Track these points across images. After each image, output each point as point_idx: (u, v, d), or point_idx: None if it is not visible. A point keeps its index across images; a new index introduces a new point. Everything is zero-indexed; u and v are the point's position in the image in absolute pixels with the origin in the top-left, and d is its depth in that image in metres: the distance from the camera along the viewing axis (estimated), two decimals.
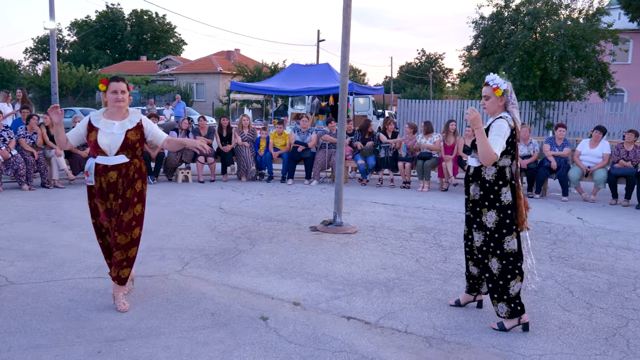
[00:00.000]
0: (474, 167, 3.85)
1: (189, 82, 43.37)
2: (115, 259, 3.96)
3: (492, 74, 3.87)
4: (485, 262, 3.82)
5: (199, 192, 9.24)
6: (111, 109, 3.94)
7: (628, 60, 32.41)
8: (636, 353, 3.47)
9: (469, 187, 3.90)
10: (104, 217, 3.95)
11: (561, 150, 9.51)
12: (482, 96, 3.88)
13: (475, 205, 3.83)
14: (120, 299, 4.00)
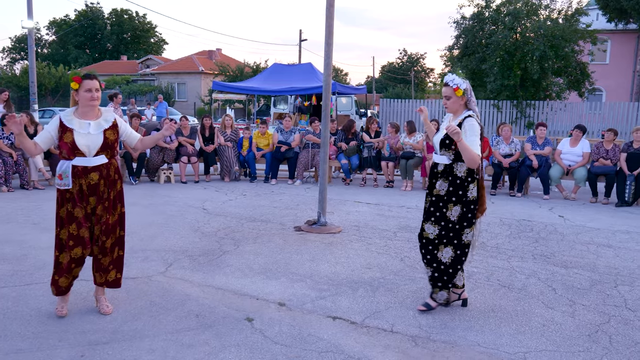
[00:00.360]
0: (444, 164, 3.93)
1: (170, 81, 43.06)
2: (103, 265, 3.88)
3: (451, 74, 3.97)
4: (435, 253, 3.96)
5: (181, 192, 9.16)
6: (84, 108, 3.75)
7: (606, 60, 32.89)
8: (618, 349, 3.52)
9: (434, 183, 4.00)
10: (84, 223, 3.72)
11: (542, 149, 9.62)
12: (443, 96, 3.98)
13: (439, 201, 3.94)
14: (103, 302, 3.95)
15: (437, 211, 3.94)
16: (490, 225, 7.02)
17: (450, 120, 4.02)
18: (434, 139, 4.04)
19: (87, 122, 3.74)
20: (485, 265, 5.28)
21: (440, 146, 3.94)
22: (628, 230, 6.94)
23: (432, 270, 4.01)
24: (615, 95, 31.57)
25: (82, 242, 3.73)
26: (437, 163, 3.99)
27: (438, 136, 3.98)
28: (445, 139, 3.89)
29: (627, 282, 4.86)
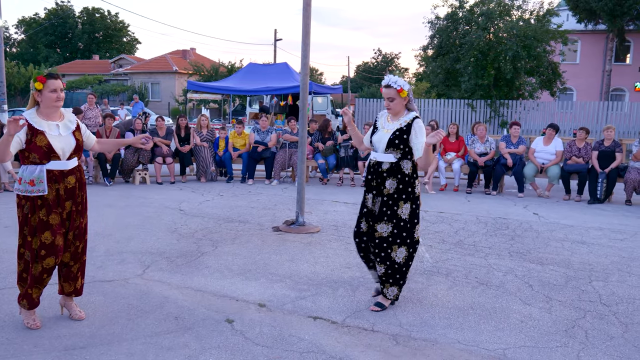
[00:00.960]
0: (390, 162, 3.97)
1: (143, 81, 42.54)
2: (72, 273, 3.75)
3: (391, 75, 4.03)
4: (389, 252, 3.98)
5: (157, 193, 9.06)
6: (48, 110, 3.54)
7: (576, 60, 33.51)
8: (594, 344, 3.58)
9: (382, 183, 4.00)
10: (58, 230, 3.55)
11: (516, 147, 9.75)
12: (386, 98, 3.99)
13: (390, 199, 3.97)
14: (75, 308, 3.84)
15: (388, 210, 3.97)
16: (467, 224, 7.09)
17: (387, 119, 4.07)
18: (376, 139, 4.03)
19: (54, 123, 3.55)
20: (463, 263, 5.32)
21: (388, 145, 3.96)
22: (601, 227, 7.08)
23: (385, 268, 4.01)
24: (586, 95, 32.20)
25: (55, 251, 3.54)
26: (380, 162, 4.00)
27: (381, 135, 4.01)
28: (394, 138, 3.94)
29: (601, 278, 4.95)
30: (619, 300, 4.38)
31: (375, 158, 4.04)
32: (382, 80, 4.08)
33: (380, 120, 4.12)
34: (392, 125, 4.01)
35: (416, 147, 3.94)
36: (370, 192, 4.07)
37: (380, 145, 4.00)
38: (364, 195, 4.15)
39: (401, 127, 3.97)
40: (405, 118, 4.00)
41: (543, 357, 3.38)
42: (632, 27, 29.61)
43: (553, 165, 9.41)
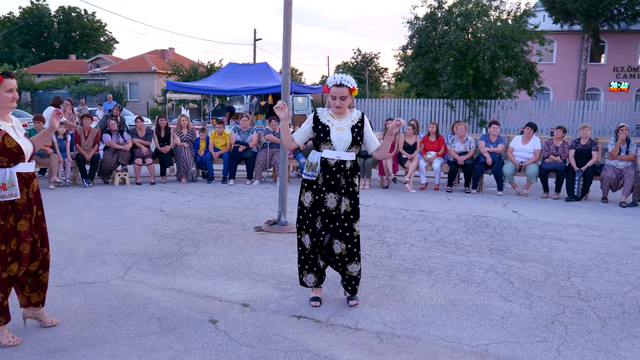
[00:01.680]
0: (352, 160, 4.01)
1: (121, 81, 42.10)
2: (41, 282, 3.60)
3: (341, 74, 3.99)
4: (358, 244, 4.09)
5: (137, 194, 8.98)
6: (2, 110, 3.35)
7: (553, 60, 34.02)
8: (574, 338, 3.65)
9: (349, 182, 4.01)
10: (26, 237, 3.38)
11: (495, 146, 9.86)
12: (338, 97, 3.94)
13: (358, 195, 4.06)
14: (46, 316, 3.70)
15: (358, 205, 4.06)
16: (448, 222, 7.16)
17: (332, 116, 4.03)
18: (335, 137, 3.94)
19: (9, 124, 3.37)
20: (445, 260, 5.38)
21: (352, 143, 3.97)
22: (578, 224, 7.20)
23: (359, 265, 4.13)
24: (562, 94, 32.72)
25: (19, 258, 3.37)
26: (344, 160, 3.97)
27: (341, 134, 3.95)
28: (356, 136, 3.97)
29: (579, 274, 5.04)
30: (597, 296, 4.47)
31: (339, 157, 3.95)
32: (329, 79, 4.01)
33: (325, 118, 4.03)
34: (342, 123, 4.00)
35: (373, 141, 4.11)
36: (332, 191, 3.98)
37: (341, 143, 3.95)
38: (318, 195, 3.99)
39: (355, 123, 4.01)
40: (353, 115, 4.06)
41: (524, 352, 3.43)
42: (607, 27, 30.18)
43: (531, 163, 9.54)
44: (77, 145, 9.83)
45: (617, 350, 3.48)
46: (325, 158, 3.96)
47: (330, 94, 3.98)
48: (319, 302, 4.15)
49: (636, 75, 33.05)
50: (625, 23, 30.04)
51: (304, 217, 4.04)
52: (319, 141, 3.99)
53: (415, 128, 10.35)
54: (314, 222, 4.03)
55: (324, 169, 3.98)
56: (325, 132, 3.97)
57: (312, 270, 4.12)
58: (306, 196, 4.05)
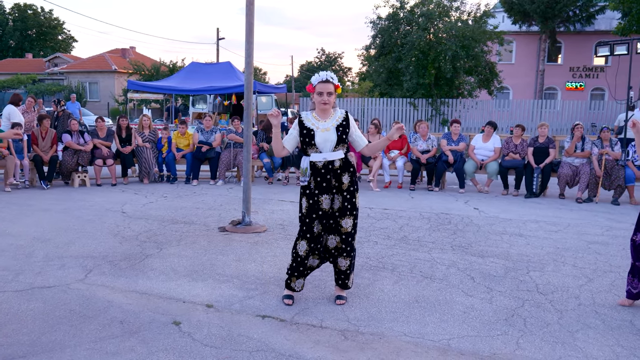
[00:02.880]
0: (340, 159, 4.02)
1: (81, 81, 41.16)
2: None
3: (327, 72, 4.06)
4: (352, 243, 4.13)
5: (98, 196, 8.80)
6: None
7: (512, 60, 34.76)
8: (532, 331, 3.75)
9: (339, 180, 4.03)
10: None
11: (457, 144, 10.03)
12: (325, 93, 4.00)
13: (348, 193, 4.05)
14: None
15: (349, 204, 4.06)
16: (411, 220, 7.25)
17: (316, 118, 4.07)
18: (320, 140, 3.98)
19: None
20: (408, 258, 5.45)
21: (338, 142, 4.01)
22: (537, 220, 7.39)
23: (350, 260, 4.14)
24: (521, 93, 33.48)
25: None
26: (332, 160, 4.00)
27: (326, 135, 3.99)
28: (342, 134, 4.01)
29: (537, 268, 5.17)
30: (554, 289, 4.60)
31: (325, 158, 4.00)
32: (314, 77, 4.06)
33: (310, 122, 4.07)
34: (328, 124, 4.04)
35: (361, 138, 4.13)
36: (325, 193, 4.03)
37: (327, 144, 4.00)
38: (312, 199, 4.04)
39: (340, 122, 4.06)
40: (337, 114, 4.10)
41: (485, 346, 3.51)
42: (563, 28, 31.06)
43: (492, 161, 9.74)
44: (35, 146, 9.58)
45: (573, 342, 3.58)
46: (313, 162, 4.02)
47: (316, 91, 4.03)
48: (291, 301, 4.16)
49: (591, 75, 34.07)
50: (580, 25, 30.96)
51: (302, 223, 4.09)
52: (306, 146, 4.05)
53: (378, 127, 10.44)
54: (311, 226, 4.05)
55: (314, 172, 4.04)
56: (310, 136, 4.01)
57: (303, 275, 4.17)
58: (303, 202, 4.09)
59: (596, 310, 4.14)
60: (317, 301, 4.24)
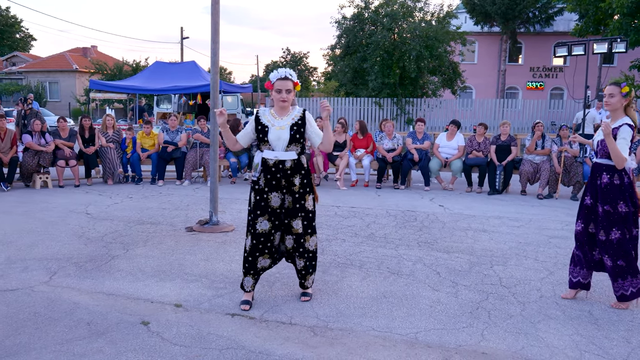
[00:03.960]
0: (292, 159, 3.97)
1: (40, 80, 40.14)
2: None
3: (284, 68, 3.99)
4: (304, 244, 4.10)
5: (61, 197, 8.63)
6: None
7: (474, 60, 35.40)
8: (496, 322, 3.85)
9: (289, 181, 3.98)
10: None
11: (422, 143, 10.18)
12: (285, 90, 3.93)
13: (299, 195, 4.01)
14: None
15: (298, 205, 4.02)
16: (378, 217, 7.34)
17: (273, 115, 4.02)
18: (273, 137, 3.94)
19: None
20: (375, 254, 5.52)
21: (290, 142, 3.95)
22: (499, 216, 7.57)
23: (304, 261, 4.12)
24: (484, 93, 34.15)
25: None
26: (283, 160, 3.96)
27: (279, 133, 3.94)
28: (295, 134, 3.95)
29: (500, 263, 5.31)
30: (517, 282, 4.73)
31: (276, 157, 3.95)
32: (272, 74, 3.97)
33: (266, 118, 4.03)
34: (284, 122, 3.98)
35: (318, 135, 4.08)
36: (275, 191, 3.98)
37: (280, 143, 3.94)
38: (260, 195, 3.98)
39: (295, 121, 3.99)
40: (295, 112, 4.04)
41: (451, 338, 3.59)
42: (523, 29, 31.80)
43: (456, 159, 9.92)
44: None
45: (535, 332, 3.70)
46: (265, 158, 3.99)
47: (274, 88, 3.96)
48: (248, 306, 4.05)
49: (550, 75, 34.96)
50: (540, 26, 31.76)
51: (249, 218, 4.04)
52: (259, 142, 4.02)
53: (345, 126, 10.52)
54: (255, 223, 3.98)
55: (265, 169, 3.99)
56: (264, 132, 3.97)
57: (250, 272, 4.06)
58: (251, 197, 4.04)
59: (557, 301, 4.28)
60: (286, 299, 4.27)
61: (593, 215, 4.21)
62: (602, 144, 4.09)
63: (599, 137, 4.17)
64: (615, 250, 4.07)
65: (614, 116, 4.14)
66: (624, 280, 4.10)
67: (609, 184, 4.07)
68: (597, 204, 4.14)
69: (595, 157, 4.21)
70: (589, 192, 4.22)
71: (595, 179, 4.17)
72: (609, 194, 4.06)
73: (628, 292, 4.12)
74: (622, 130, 4.01)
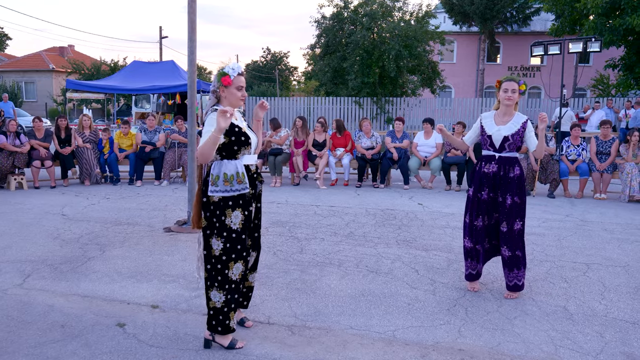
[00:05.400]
0: (255, 164, 3.50)
1: (16, 80, 39.47)
2: None
3: (232, 62, 3.53)
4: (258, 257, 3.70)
5: (36, 199, 8.49)
6: None
7: (453, 59, 35.66)
8: (473, 319, 3.88)
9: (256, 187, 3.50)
10: None
11: (401, 142, 10.23)
12: (242, 87, 3.39)
13: (260, 202, 3.58)
14: None
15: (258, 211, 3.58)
16: (357, 216, 7.35)
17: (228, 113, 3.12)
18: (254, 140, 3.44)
19: None
20: (354, 253, 5.53)
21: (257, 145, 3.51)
22: None
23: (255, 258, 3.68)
24: (463, 92, 34.44)
25: None
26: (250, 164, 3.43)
27: (253, 134, 3.48)
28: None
29: None
30: (494, 279, 4.77)
31: (255, 161, 3.49)
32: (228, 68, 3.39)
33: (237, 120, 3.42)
34: (244, 123, 3.48)
35: None
36: (254, 200, 3.49)
37: (254, 145, 3.46)
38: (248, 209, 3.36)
39: (248, 122, 3.58)
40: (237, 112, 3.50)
41: (428, 335, 3.61)
42: (501, 29, 32.13)
43: (434, 157, 9.98)
44: None
45: (511, 328, 3.74)
46: (247, 165, 3.38)
47: (235, 85, 3.37)
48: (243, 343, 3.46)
49: (528, 75, 35.35)
50: (517, 26, 32.12)
51: (233, 243, 3.29)
52: (238, 146, 3.30)
53: (324, 125, 10.52)
54: (245, 244, 3.36)
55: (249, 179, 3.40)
56: (243, 134, 3.33)
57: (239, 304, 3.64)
58: (234, 216, 3.28)
59: (533, 297, 4.33)
60: (264, 298, 4.25)
61: (492, 208, 4.33)
62: (513, 138, 4.24)
63: (506, 132, 4.27)
64: (515, 240, 4.25)
65: (508, 111, 4.34)
66: (519, 270, 4.29)
67: (519, 176, 4.25)
68: (505, 196, 4.25)
69: (501, 152, 4.29)
70: (487, 185, 4.32)
71: (507, 171, 4.26)
72: (516, 186, 4.23)
73: (520, 282, 4.31)
74: (529, 125, 4.29)
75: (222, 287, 3.31)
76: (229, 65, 3.41)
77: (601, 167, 9.06)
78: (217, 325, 3.34)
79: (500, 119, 4.34)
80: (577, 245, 5.97)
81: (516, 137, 4.26)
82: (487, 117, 4.45)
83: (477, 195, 4.36)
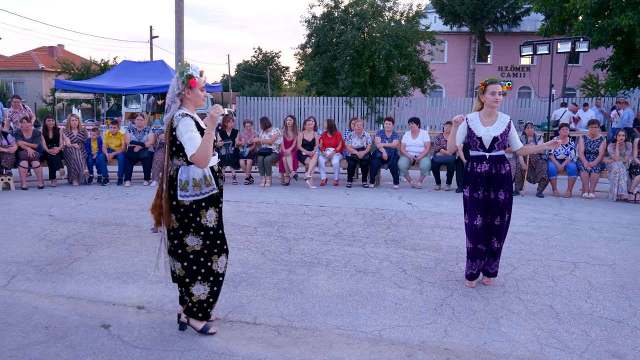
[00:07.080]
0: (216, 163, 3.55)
1: (5, 80, 39.11)
2: None
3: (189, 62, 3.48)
4: None
5: (23, 199, 8.42)
6: None
7: (444, 59, 35.74)
8: (460, 318, 3.88)
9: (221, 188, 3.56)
10: None
11: (391, 142, 10.23)
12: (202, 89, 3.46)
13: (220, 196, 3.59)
14: None
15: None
16: (346, 216, 7.34)
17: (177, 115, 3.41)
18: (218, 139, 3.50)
19: None
20: (343, 253, 5.52)
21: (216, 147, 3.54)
22: None
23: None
24: (453, 92, 34.52)
25: None
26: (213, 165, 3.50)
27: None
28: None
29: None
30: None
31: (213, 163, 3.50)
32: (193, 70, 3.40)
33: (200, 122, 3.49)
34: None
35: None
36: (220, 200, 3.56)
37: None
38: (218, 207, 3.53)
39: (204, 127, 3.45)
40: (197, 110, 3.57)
41: (415, 335, 3.61)
42: (491, 29, 32.24)
43: (424, 157, 9.99)
44: None
45: (497, 327, 3.75)
46: (211, 166, 3.46)
47: (200, 85, 3.43)
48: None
49: (518, 74, 35.50)
50: (507, 26, 32.24)
51: (213, 239, 3.44)
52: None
53: (314, 125, 10.50)
54: (224, 238, 3.53)
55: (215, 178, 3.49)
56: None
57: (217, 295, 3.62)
58: (209, 215, 3.41)
59: (519, 296, 4.34)
60: (251, 298, 4.23)
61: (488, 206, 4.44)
62: (501, 138, 4.41)
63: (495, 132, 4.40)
64: (504, 232, 4.50)
65: (493, 112, 4.46)
66: (499, 258, 4.60)
67: (509, 172, 4.45)
68: (498, 193, 4.40)
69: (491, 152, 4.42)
70: (481, 185, 4.41)
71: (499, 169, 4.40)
72: (508, 182, 4.42)
73: (497, 269, 4.65)
74: (513, 126, 4.48)
75: (206, 279, 3.49)
76: (190, 67, 3.42)
77: (589, 165, 9.11)
78: (198, 312, 3.54)
79: (485, 119, 4.46)
80: (565, 244, 6.00)
81: (504, 136, 4.44)
82: (473, 118, 4.50)
83: (473, 196, 4.45)
